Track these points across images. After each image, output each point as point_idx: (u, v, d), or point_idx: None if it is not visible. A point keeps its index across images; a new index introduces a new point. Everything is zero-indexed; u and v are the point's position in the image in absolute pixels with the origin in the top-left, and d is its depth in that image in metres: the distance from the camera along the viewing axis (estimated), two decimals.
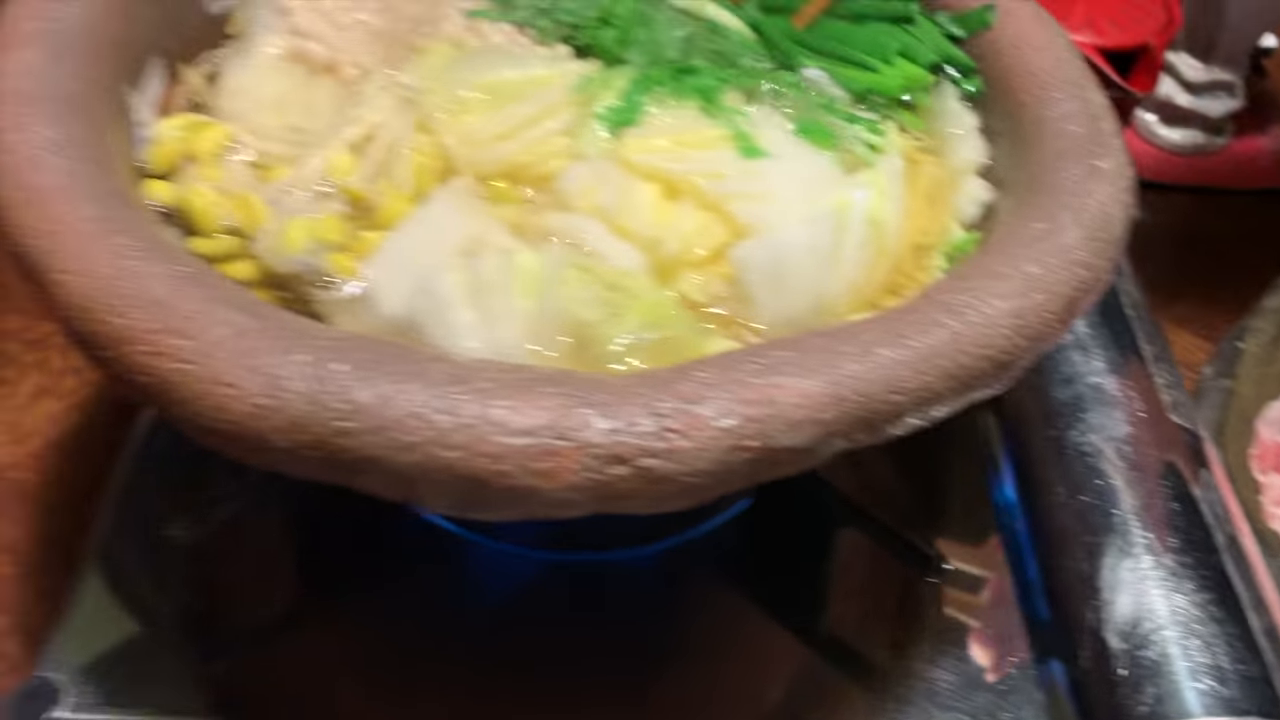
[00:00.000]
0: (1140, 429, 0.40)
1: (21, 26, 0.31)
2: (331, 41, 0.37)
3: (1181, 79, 0.67)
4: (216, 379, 0.23)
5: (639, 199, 0.32)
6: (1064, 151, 0.31)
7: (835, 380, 0.24)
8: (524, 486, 0.23)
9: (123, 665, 0.35)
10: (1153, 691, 0.33)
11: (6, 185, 0.27)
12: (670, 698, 0.37)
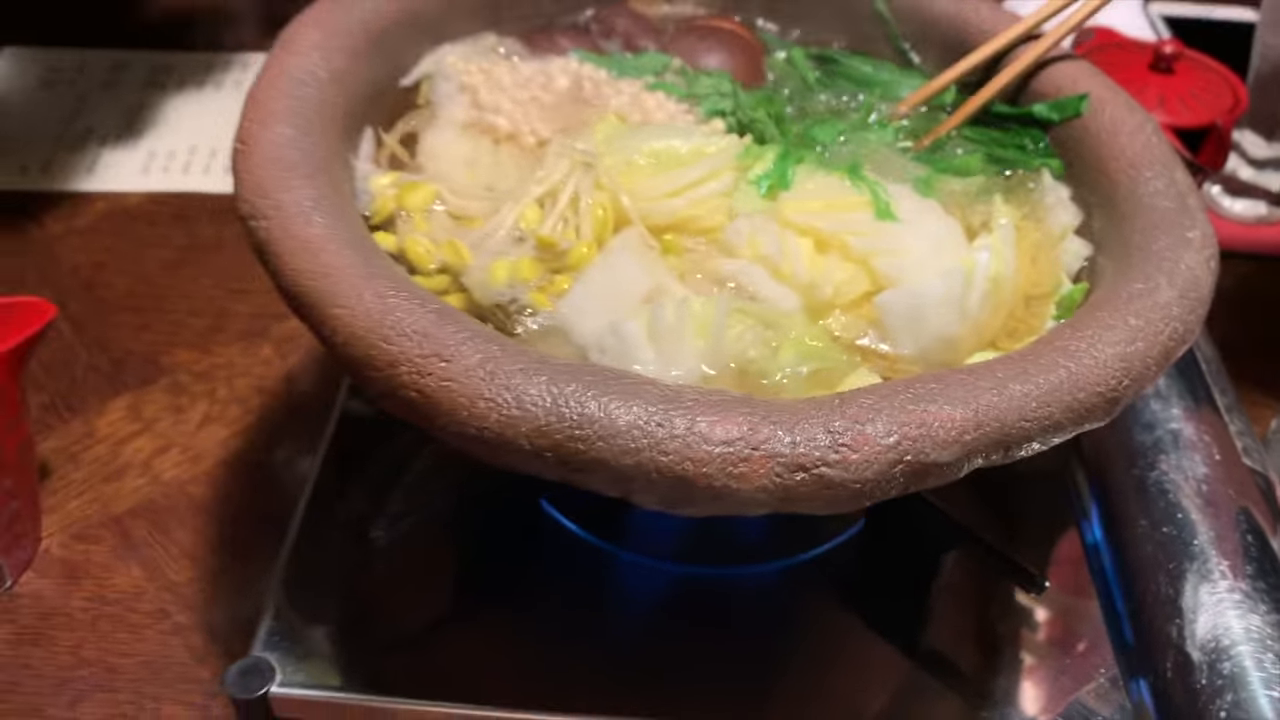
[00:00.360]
0: (1215, 470, 0.44)
1: (274, 105, 0.38)
2: (511, 114, 0.43)
3: (1245, 154, 0.72)
4: (476, 395, 0.29)
5: (797, 249, 0.37)
6: (1157, 223, 0.36)
7: (976, 409, 0.29)
8: (722, 487, 0.28)
9: (322, 649, 0.40)
10: (1230, 699, 0.38)
11: (284, 236, 0.33)
12: (784, 702, 0.41)
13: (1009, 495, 0.48)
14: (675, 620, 0.44)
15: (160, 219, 0.69)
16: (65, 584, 0.50)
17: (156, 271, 0.66)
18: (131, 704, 0.46)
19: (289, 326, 0.63)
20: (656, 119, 0.43)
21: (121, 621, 0.49)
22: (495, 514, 0.44)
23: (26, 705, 0.46)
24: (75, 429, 0.57)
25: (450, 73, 0.45)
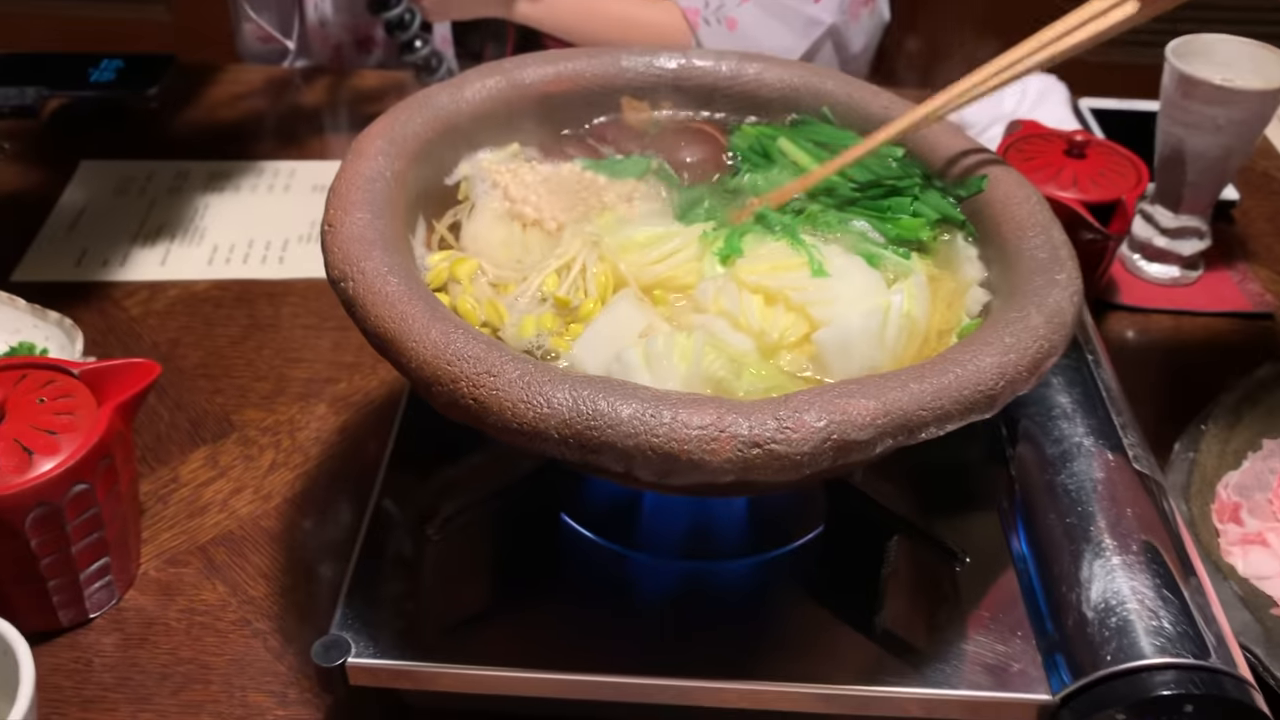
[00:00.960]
0: (1110, 474, 0.55)
1: (352, 197, 0.49)
2: (536, 204, 0.54)
3: (1157, 225, 0.83)
4: (517, 399, 0.39)
5: (750, 304, 0.48)
6: (1034, 269, 0.47)
7: (885, 401, 0.40)
8: (699, 460, 0.39)
9: (387, 628, 0.50)
10: (1115, 644, 0.47)
11: (368, 293, 0.44)
12: (763, 661, 0.50)
13: (949, 496, 0.58)
14: (675, 603, 0.53)
15: (225, 302, 0.81)
16: (162, 599, 0.60)
17: (224, 345, 0.77)
18: (223, 692, 0.56)
19: (340, 388, 0.74)
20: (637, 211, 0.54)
21: (210, 628, 0.59)
22: (525, 523, 0.54)
23: (137, 695, 0.56)
24: (163, 476, 0.67)
25: (485, 173, 0.57)
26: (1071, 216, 0.73)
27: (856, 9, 1.09)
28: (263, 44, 1.15)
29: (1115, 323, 0.82)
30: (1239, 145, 0.77)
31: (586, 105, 0.61)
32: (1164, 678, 0.46)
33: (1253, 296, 0.84)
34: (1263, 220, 0.93)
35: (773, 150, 0.60)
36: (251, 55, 1.18)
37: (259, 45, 1.16)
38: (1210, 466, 0.66)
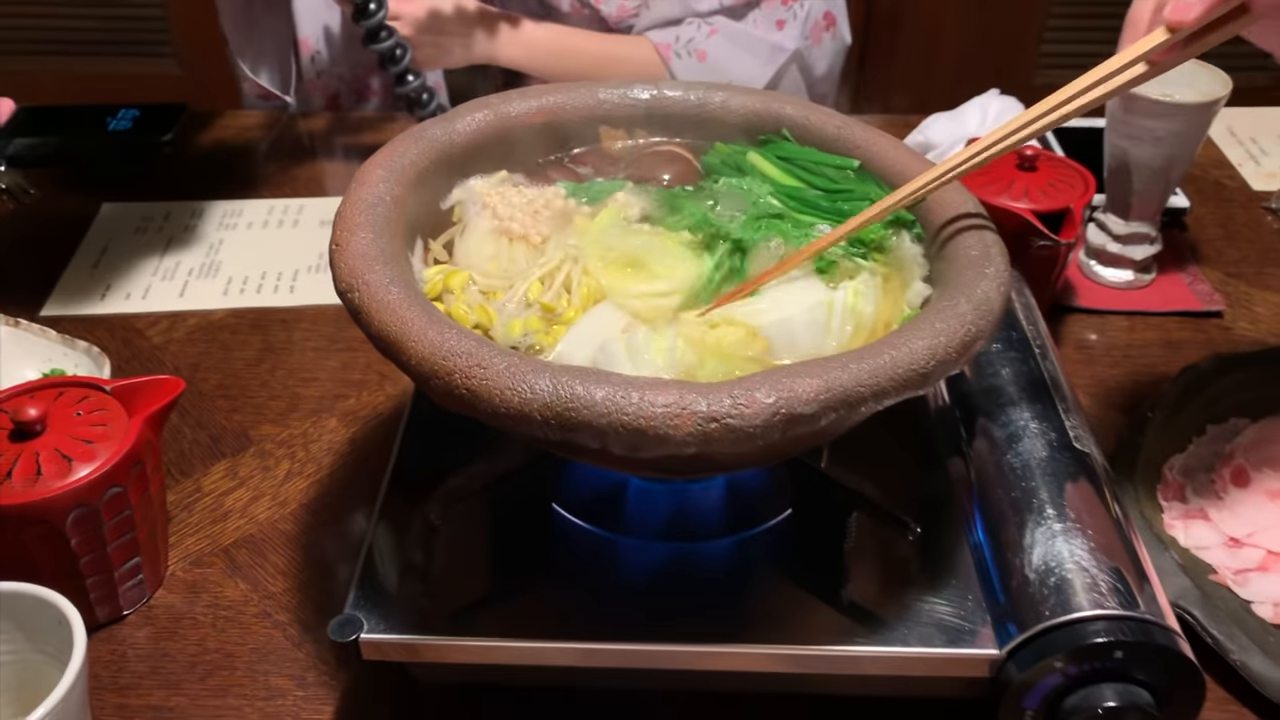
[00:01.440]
0: (1052, 453, 0.60)
1: (356, 219, 0.55)
2: (521, 221, 0.60)
3: (1110, 232, 0.89)
4: (505, 387, 0.45)
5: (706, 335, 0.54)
6: (966, 264, 0.53)
7: (827, 379, 0.45)
8: (664, 435, 0.44)
9: (395, 606, 0.55)
10: (1053, 601, 0.52)
11: (371, 302, 0.50)
12: (738, 627, 0.55)
13: (910, 479, 0.63)
14: (659, 579, 0.58)
15: (240, 329, 0.87)
16: (189, 596, 0.65)
17: (241, 368, 0.83)
18: (247, 677, 0.61)
19: (349, 404, 0.79)
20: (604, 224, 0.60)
21: (234, 621, 0.64)
22: (519, 512, 0.59)
23: (168, 681, 0.61)
24: (187, 487, 0.73)
25: (475, 197, 0.63)
26: (1024, 225, 0.78)
27: (818, 34, 1.15)
28: (263, 100, 1.22)
29: (1074, 324, 0.87)
30: (1180, 154, 0.83)
31: (568, 134, 0.67)
32: (1096, 627, 0.51)
33: (1203, 296, 0.89)
34: (1214, 226, 0.98)
35: (744, 164, 0.66)
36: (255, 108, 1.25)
37: (260, 102, 1.23)
38: (1156, 450, 0.72)
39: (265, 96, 1.21)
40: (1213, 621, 0.60)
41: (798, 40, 1.14)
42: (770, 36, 1.13)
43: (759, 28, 1.14)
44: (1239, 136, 1.11)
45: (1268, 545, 0.66)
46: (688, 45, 1.13)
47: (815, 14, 1.16)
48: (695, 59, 1.13)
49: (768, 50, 1.14)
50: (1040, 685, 0.52)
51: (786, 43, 1.13)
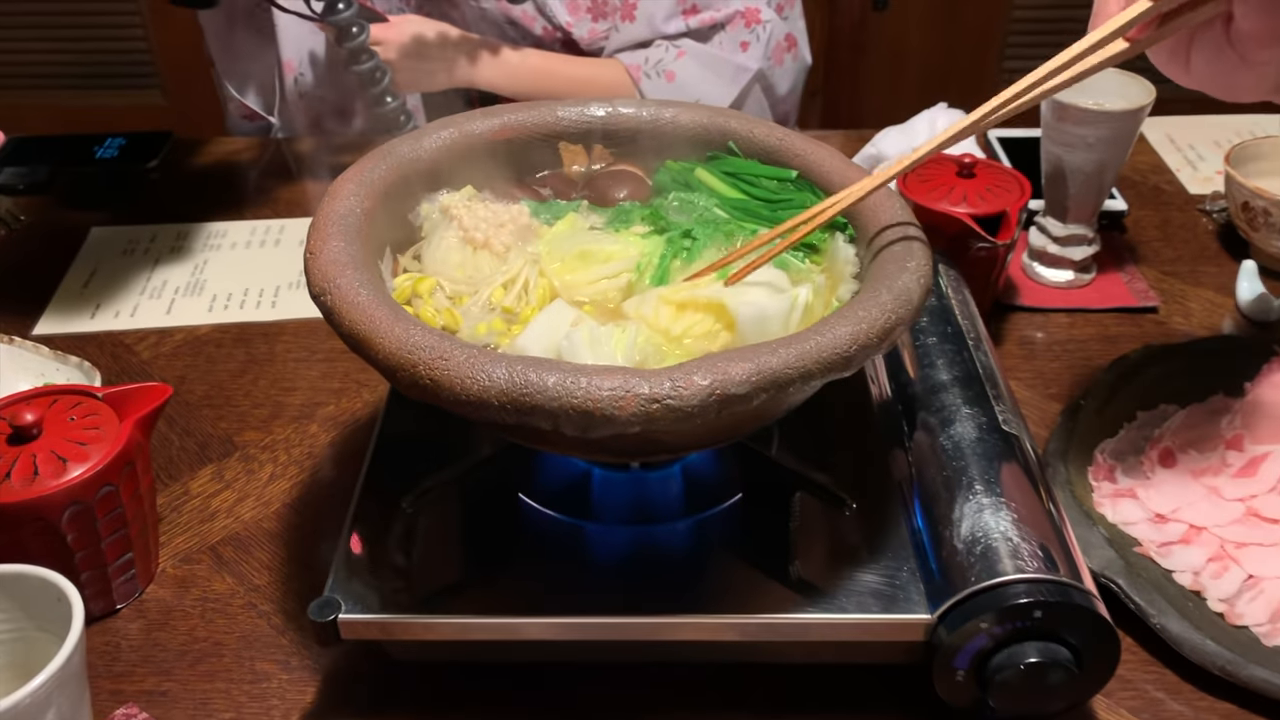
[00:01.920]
0: (982, 434, 0.64)
1: (329, 229, 0.59)
2: (485, 231, 0.64)
3: (1050, 234, 0.94)
4: (465, 376, 0.49)
5: (663, 312, 0.58)
6: (889, 259, 0.58)
7: (758, 363, 0.49)
8: (610, 416, 0.48)
9: (371, 589, 0.59)
10: (979, 567, 0.57)
11: (343, 303, 0.54)
12: (695, 597, 0.59)
13: (855, 464, 0.67)
14: (622, 559, 0.62)
15: (225, 342, 0.91)
16: (179, 591, 0.69)
17: (225, 379, 0.87)
18: (234, 663, 0.65)
19: (328, 410, 0.83)
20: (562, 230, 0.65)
21: (221, 612, 0.68)
22: (488, 502, 0.63)
23: (159, 668, 0.64)
24: (176, 490, 0.77)
25: (443, 210, 0.67)
26: (962, 228, 0.83)
27: (780, 55, 1.21)
28: (248, 121, 1.26)
29: (1017, 321, 0.92)
30: (1111, 159, 0.88)
31: (529, 150, 0.72)
32: (1018, 589, 0.55)
33: (1139, 293, 0.94)
34: (1152, 228, 1.03)
35: (692, 180, 0.71)
36: (239, 131, 1.29)
37: (245, 123, 1.27)
38: (1088, 435, 0.76)
39: (250, 117, 1.25)
40: (1135, 589, 0.65)
41: (760, 61, 1.19)
42: (735, 58, 1.18)
43: (724, 49, 1.19)
44: (1177, 144, 1.17)
45: (1190, 520, 0.71)
46: (656, 66, 1.18)
47: (777, 36, 1.21)
48: (664, 79, 1.18)
49: (732, 71, 1.19)
50: (969, 646, 0.56)
51: (750, 63, 1.19)
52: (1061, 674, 0.56)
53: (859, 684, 0.62)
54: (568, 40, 1.20)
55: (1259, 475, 0.73)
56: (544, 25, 1.18)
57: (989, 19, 2.06)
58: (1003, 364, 0.81)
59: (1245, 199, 0.94)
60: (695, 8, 1.18)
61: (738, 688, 0.62)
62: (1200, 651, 0.62)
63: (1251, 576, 0.67)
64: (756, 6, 1.19)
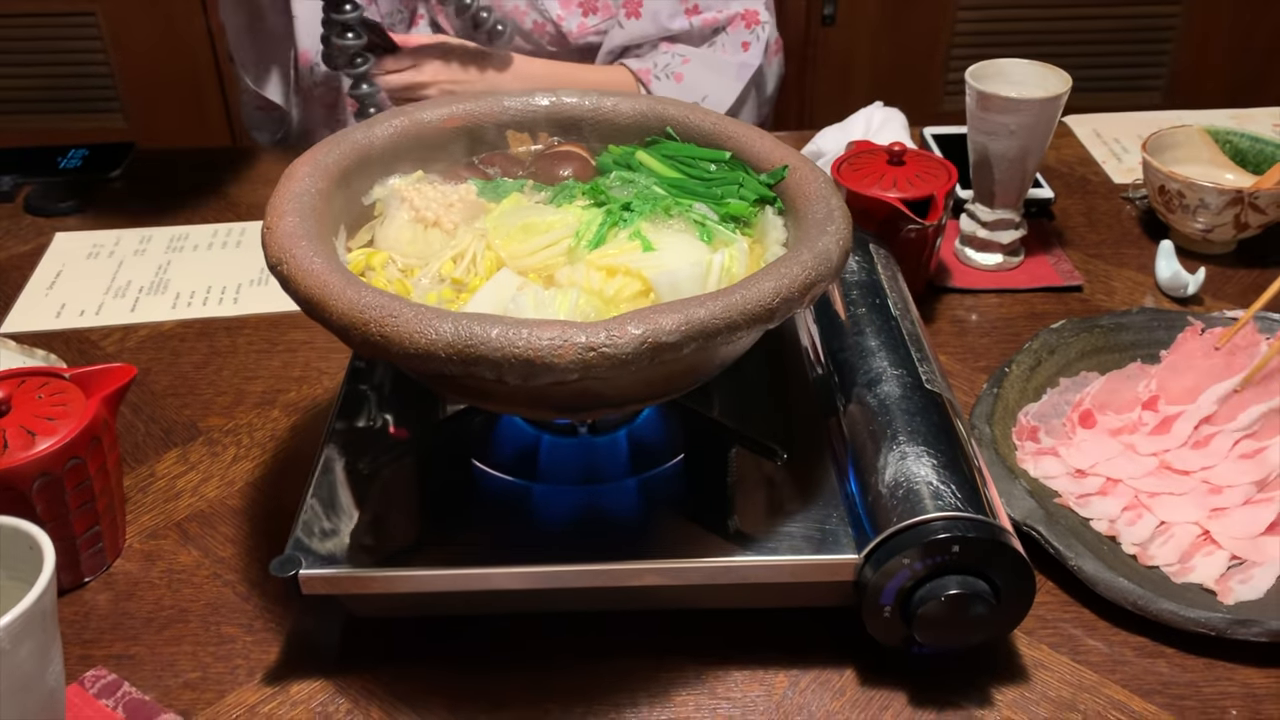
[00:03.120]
0: (906, 393, 0.68)
1: (285, 207, 0.63)
2: (436, 210, 0.68)
3: (979, 220, 0.99)
4: (413, 331, 0.53)
5: (594, 276, 0.62)
6: (811, 225, 0.62)
7: (686, 314, 0.53)
8: (550, 363, 0.52)
9: (330, 547, 0.62)
10: (901, 509, 0.61)
11: (297, 270, 0.57)
12: (641, 549, 0.63)
13: (787, 423, 0.71)
14: (572, 516, 0.66)
15: (189, 336, 0.94)
16: (146, 564, 0.72)
17: (189, 370, 0.90)
18: (200, 628, 0.67)
19: (290, 396, 0.86)
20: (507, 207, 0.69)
21: (187, 582, 0.71)
22: (442, 468, 0.67)
23: (127, 635, 0.67)
24: (142, 473, 0.79)
25: (395, 193, 0.71)
26: (893, 212, 0.88)
27: (771, 56, 1.27)
28: (262, 113, 1.29)
29: (949, 302, 0.96)
30: (1033, 145, 0.93)
31: (478, 138, 0.76)
32: (936, 526, 0.59)
33: (1064, 274, 0.99)
34: (1078, 215, 1.09)
35: (633, 162, 0.75)
36: (253, 124, 1.32)
37: (259, 115, 1.30)
38: (1012, 399, 0.81)
39: (264, 108, 1.28)
40: (1054, 535, 0.69)
41: (759, 58, 1.25)
42: (736, 58, 1.24)
43: (727, 51, 1.25)
44: (1104, 138, 1.23)
45: (1107, 473, 0.75)
46: (665, 70, 1.23)
47: (772, 37, 1.28)
48: (673, 81, 1.24)
49: (735, 69, 1.25)
50: (893, 582, 0.60)
51: (752, 60, 1.24)
52: (980, 606, 0.60)
53: (802, 628, 0.66)
54: (559, 34, 1.24)
55: (1172, 432, 0.78)
56: (535, 19, 1.23)
57: (933, 31, 2.13)
58: (931, 336, 0.86)
59: (1161, 183, 0.99)
60: (697, 8, 1.24)
61: (689, 634, 0.66)
62: (1114, 589, 0.66)
63: (1163, 523, 0.72)
64: (755, 8, 1.25)
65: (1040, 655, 0.65)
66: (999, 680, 0.64)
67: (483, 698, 0.63)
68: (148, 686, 0.64)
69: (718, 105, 1.24)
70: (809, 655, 0.65)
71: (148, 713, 0.62)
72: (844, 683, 0.63)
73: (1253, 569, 0.68)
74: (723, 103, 1.25)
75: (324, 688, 0.63)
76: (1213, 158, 1.05)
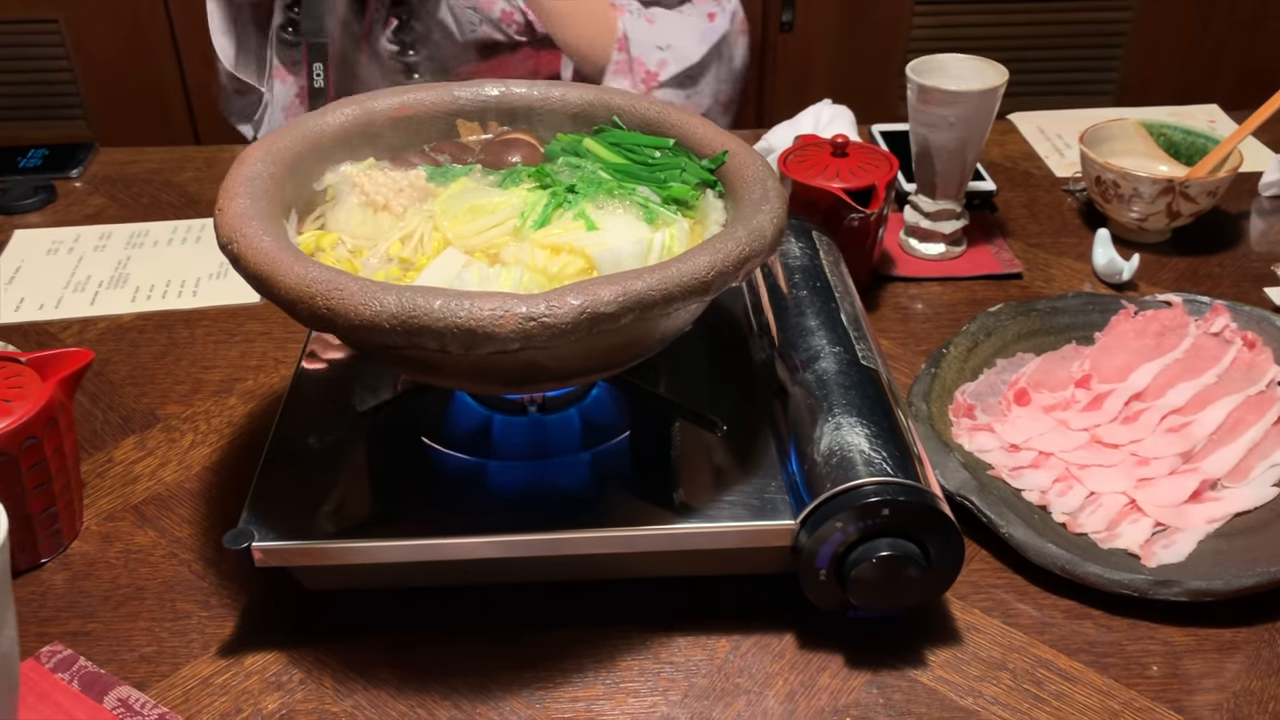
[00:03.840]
0: (844, 368, 0.71)
1: (237, 189, 0.64)
2: (386, 195, 0.70)
3: (922, 210, 1.02)
4: (358, 303, 0.55)
5: (538, 255, 0.64)
6: (748, 205, 0.64)
7: (624, 286, 0.56)
8: (491, 333, 0.54)
9: (282, 520, 0.64)
10: (835, 475, 0.63)
11: (248, 249, 0.59)
12: (589, 517, 0.65)
13: (736, 398, 0.73)
14: (522, 490, 0.68)
15: (148, 328, 0.95)
16: (103, 545, 0.73)
17: (148, 361, 0.91)
18: (156, 605, 0.69)
19: (247, 384, 0.88)
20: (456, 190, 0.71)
21: (144, 561, 0.72)
22: (393, 445, 0.68)
23: (83, 612, 0.68)
24: (99, 459, 0.81)
25: (346, 179, 0.73)
26: (836, 201, 0.91)
27: (738, 34, 1.31)
28: (240, 95, 1.31)
29: (893, 290, 0.99)
30: (971, 137, 0.96)
31: (429, 127, 0.78)
32: (868, 490, 0.62)
33: (1005, 262, 1.02)
34: (1019, 207, 1.12)
35: (580, 149, 0.77)
36: (231, 109, 1.34)
37: (238, 99, 1.32)
38: (950, 379, 0.83)
39: (242, 90, 1.30)
40: (987, 504, 0.72)
41: (727, 26, 1.27)
42: (703, 24, 1.27)
43: (692, 18, 1.27)
44: (1046, 134, 1.26)
45: (1040, 447, 0.78)
46: (639, 13, 1.25)
47: (738, 14, 1.30)
48: (644, 21, 1.26)
49: (702, 31, 1.28)
50: (827, 546, 0.62)
51: (718, 26, 1.27)
52: (912, 568, 0.62)
53: (744, 597, 0.68)
54: (526, 25, 1.26)
55: (1103, 408, 0.81)
56: (503, 7, 1.25)
57: (889, 38, 2.17)
58: (875, 322, 0.89)
59: (1098, 173, 1.03)
60: None
61: (635, 605, 0.68)
62: (1042, 554, 0.69)
63: (1093, 493, 0.75)
64: None
65: (973, 619, 0.67)
66: (933, 643, 0.66)
67: (434, 667, 0.64)
68: (103, 661, 0.65)
69: (682, 59, 1.26)
70: (750, 621, 0.67)
71: (103, 685, 0.63)
72: (783, 646, 0.65)
73: (1175, 534, 0.71)
74: (687, 57, 1.26)
75: (277, 659, 0.65)
76: (1148, 150, 1.09)
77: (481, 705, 0.62)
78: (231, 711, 0.62)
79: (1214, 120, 1.29)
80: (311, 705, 0.62)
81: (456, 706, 0.62)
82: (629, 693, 0.63)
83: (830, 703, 0.62)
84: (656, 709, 0.62)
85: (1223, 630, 0.66)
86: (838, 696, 0.63)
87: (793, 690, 0.63)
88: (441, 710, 0.62)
